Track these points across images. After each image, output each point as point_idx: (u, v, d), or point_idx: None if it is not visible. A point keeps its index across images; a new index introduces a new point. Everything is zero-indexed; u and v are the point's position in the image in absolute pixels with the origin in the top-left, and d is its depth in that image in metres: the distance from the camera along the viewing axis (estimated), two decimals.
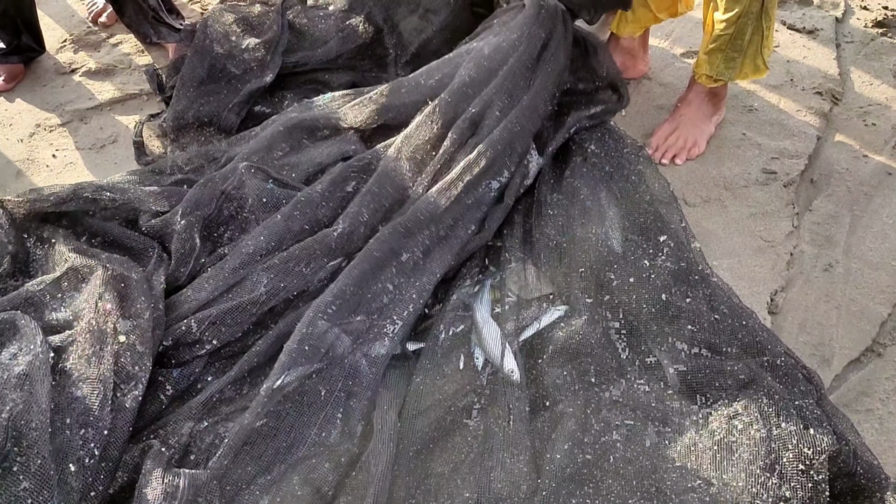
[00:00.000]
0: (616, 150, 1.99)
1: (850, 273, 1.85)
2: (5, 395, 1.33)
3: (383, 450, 1.40)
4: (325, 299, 1.58)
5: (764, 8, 1.93)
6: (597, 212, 1.85)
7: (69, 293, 1.60)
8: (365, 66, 2.45)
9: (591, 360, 1.58)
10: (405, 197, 1.84)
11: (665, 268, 1.71)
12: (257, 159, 1.98)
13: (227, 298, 1.63)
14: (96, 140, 2.37)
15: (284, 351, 1.49)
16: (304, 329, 1.52)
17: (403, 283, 1.68)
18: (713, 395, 1.50)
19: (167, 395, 1.54)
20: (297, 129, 2.08)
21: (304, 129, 2.09)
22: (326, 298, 1.58)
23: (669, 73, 2.50)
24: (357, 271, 1.64)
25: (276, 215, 1.79)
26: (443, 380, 1.57)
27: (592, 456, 1.43)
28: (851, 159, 2.15)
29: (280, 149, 2.04)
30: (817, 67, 2.47)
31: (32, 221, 1.81)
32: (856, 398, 1.62)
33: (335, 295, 1.59)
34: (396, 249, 1.69)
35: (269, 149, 2.03)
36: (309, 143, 2.08)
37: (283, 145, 2.05)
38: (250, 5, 2.55)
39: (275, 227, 1.77)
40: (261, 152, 2.01)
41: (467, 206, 1.81)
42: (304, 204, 1.81)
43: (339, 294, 1.59)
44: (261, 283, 1.65)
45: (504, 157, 1.88)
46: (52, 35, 2.80)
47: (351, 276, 1.63)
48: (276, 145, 2.04)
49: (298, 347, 1.49)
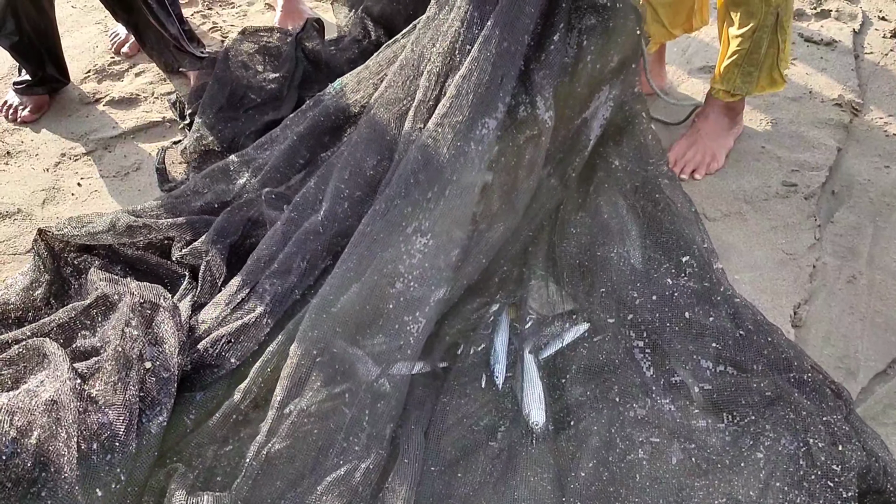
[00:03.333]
0: (640, 166, 1.95)
1: (873, 284, 1.83)
2: (33, 421, 1.35)
3: (408, 469, 1.40)
4: (326, 296, 1.56)
5: (779, 21, 1.93)
6: (619, 231, 1.84)
7: (98, 320, 1.62)
8: None
9: (614, 378, 1.57)
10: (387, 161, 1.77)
11: (688, 287, 1.70)
12: (279, 175, 2.00)
13: (239, 315, 1.64)
14: (120, 168, 2.40)
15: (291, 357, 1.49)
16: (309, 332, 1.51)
17: (416, 264, 1.58)
18: (739, 413, 1.49)
19: (191, 418, 1.55)
20: (314, 131, 2.07)
21: (320, 128, 2.08)
22: (327, 295, 1.56)
23: (686, 88, 2.50)
24: (354, 258, 1.59)
25: (277, 223, 1.80)
26: (466, 399, 1.57)
27: (618, 474, 1.42)
28: (873, 170, 2.13)
29: (301, 156, 2.05)
30: (836, 79, 2.46)
31: (69, 252, 1.85)
32: (883, 411, 1.59)
33: (335, 288, 1.56)
34: (396, 220, 1.61)
35: (291, 159, 2.04)
36: (327, 141, 2.07)
37: (302, 152, 2.05)
38: (270, 34, 2.59)
39: (274, 235, 1.79)
40: (283, 165, 2.03)
41: (467, 152, 1.65)
42: (301, 205, 1.82)
43: (339, 286, 1.56)
44: (266, 292, 1.66)
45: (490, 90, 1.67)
46: (77, 66, 2.85)
47: (348, 263, 1.59)
48: (296, 154, 2.05)
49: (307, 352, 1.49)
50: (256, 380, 1.53)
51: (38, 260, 1.81)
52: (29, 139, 2.56)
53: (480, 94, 1.66)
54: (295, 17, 2.92)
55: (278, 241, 1.76)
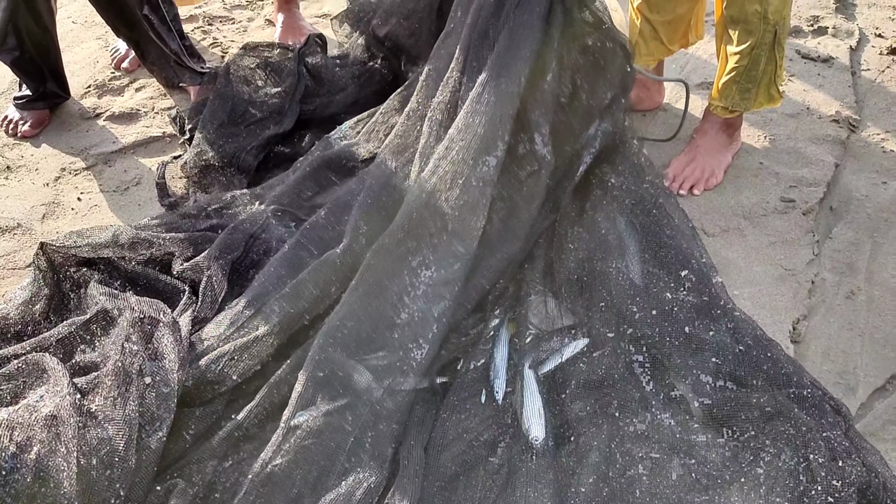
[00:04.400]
0: (636, 184, 1.97)
1: (872, 300, 1.84)
2: (33, 436, 1.35)
3: (409, 485, 1.40)
4: (333, 322, 1.57)
5: (777, 39, 1.95)
6: (617, 246, 1.85)
7: (98, 335, 1.62)
8: None
9: (614, 393, 1.57)
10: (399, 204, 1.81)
11: (687, 301, 1.71)
12: (287, 202, 2.01)
13: (244, 333, 1.64)
14: (120, 182, 2.41)
15: (300, 380, 1.50)
16: (316, 356, 1.52)
17: (420, 294, 1.64)
18: (739, 428, 1.49)
19: (191, 434, 1.54)
20: (323, 168, 2.11)
21: (329, 166, 2.12)
22: (334, 322, 1.58)
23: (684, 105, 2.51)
24: (362, 289, 1.62)
25: (285, 246, 1.81)
26: (466, 414, 1.57)
27: (617, 490, 1.42)
28: (870, 186, 2.14)
29: (309, 189, 2.08)
30: (833, 96, 2.48)
31: (69, 266, 1.85)
32: (882, 427, 1.59)
33: (343, 316, 1.58)
34: (400, 254, 1.66)
35: (298, 192, 2.06)
36: (336, 180, 2.10)
37: (310, 185, 2.08)
38: (271, 49, 2.60)
39: (284, 258, 1.79)
40: (290, 196, 2.05)
41: (467, 189, 1.70)
42: (310, 230, 1.84)
43: (348, 315, 1.58)
44: (273, 314, 1.65)
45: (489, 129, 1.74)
46: (77, 81, 2.86)
47: (356, 293, 1.62)
48: (304, 188, 2.07)
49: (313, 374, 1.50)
50: (263, 402, 1.54)
51: (38, 274, 1.80)
52: (29, 154, 2.56)
53: (480, 135, 1.74)
54: (295, 33, 2.93)
55: (286, 265, 1.77)
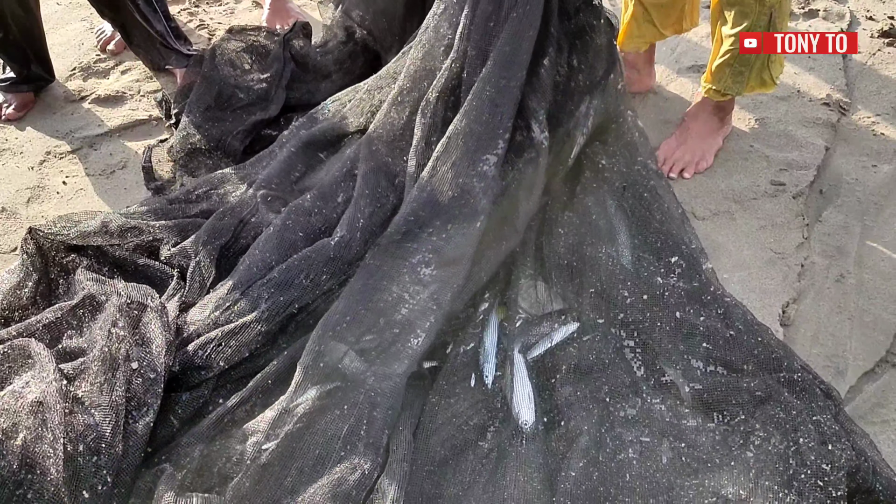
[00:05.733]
0: (627, 166, 1.96)
1: (862, 283, 1.84)
2: (19, 422, 1.34)
3: (397, 469, 1.39)
4: (333, 316, 1.57)
5: (772, 22, 1.93)
6: (608, 231, 1.84)
7: (85, 320, 1.61)
8: None
9: (604, 377, 1.57)
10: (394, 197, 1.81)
11: (678, 287, 1.71)
12: (276, 184, 1.99)
13: (230, 318, 1.63)
14: (106, 166, 2.38)
15: (298, 370, 1.49)
16: (315, 347, 1.52)
17: (420, 290, 1.62)
18: (730, 412, 1.49)
19: (178, 418, 1.53)
20: (310, 146, 2.08)
21: (316, 144, 2.09)
22: (334, 316, 1.57)
23: (675, 87, 2.51)
24: (360, 284, 1.62)
25: (269, 228, 1.78)
26: (455, 398, 1.56)
27: (608, 474, 1.42)
28: (860, 169, 2.14)
29: (297, 170, 2.05)
30: (824, 79, 2.47)
31: (58, 251, 1.83)
32: (871, 410, 1.60)
33: (342, 311, 1.58)
34: (400, 255, 1.65)
35: (287, 172, 2.04)
36: (323, 157, 2.08)
37: (298, 166, 2.06)
38: (257, 33, 2.57)
39: (268, 240, 1.77)
40: (279, 176, 2.02)
41: (468, 189, 1.69)
42: (295, 213, 1.81)
43: (347, 310, 1.58)
44: (262, 300, 1.64)
45: (490, 127, 1.72)
46: (62, 63, 2.82)
47: (355, 289, 1.61)
48: (292, 168, 2.05)
49: (313, 364, 1.49)
50: (255, 389, 1.53)
51: (26, 259, 1.78)
52: (13, 137, 2.53)
53: (479, 133, 1.71)
54: (282, 16, 2.90)
55: (273, 248, 1.75)
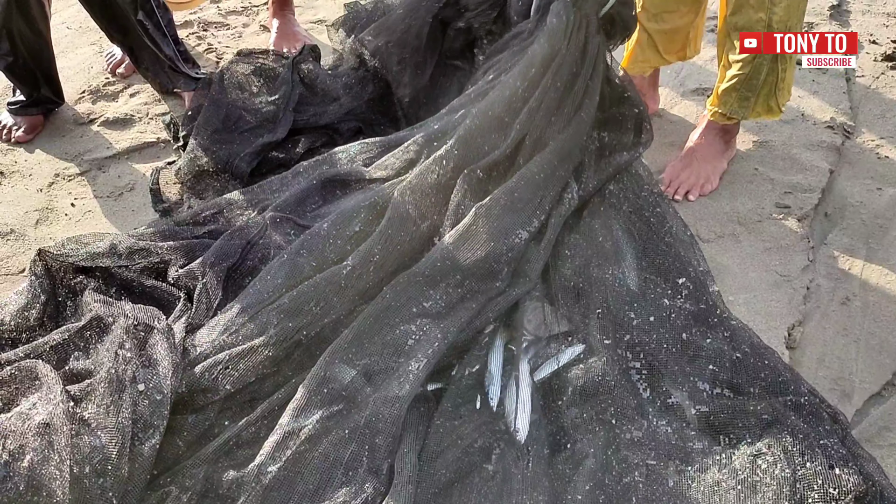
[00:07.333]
0: (634, 191, 1.97)
1: (867, 306, 1.84)
2: (26, 444, 1.34)
3: (402, 492, 1.39)
4: (341, 345, 1.57)
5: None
6: (614, 252, 1.84)
7: (92, 342, 1.61)
8: (375, 119, 2.49)
9: (610, 399, 1.57)
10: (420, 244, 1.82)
11: (684, 309, 1.71)
12: (290, 211, 2.00)
13: (237, 341, 1.63)
14: (114, 188, 2.40)
15: (301, 392, 1.49)
16: (321, 372, 1.52)
17: (429, 324, 1.64)
18: (736, 435, 1.48)
19: (184, 440, 1.53)
20: (331, 182, 2.09)
21: (337, 182, 2.10)
22: (342, 344, 1.57)
23: (680, 110, 2.52)
24: (373, 318, 1.62)
25: (283, 254, 1.79)
26: (460, 421, 1.56)
27: (614, 497, 1.41)
28: (865, 192, 2.15)
29: (313, 202, 2.06)
30: (828, 102, 2.49)
31: (66, 273, 1.83)
32: (878, 433, 1.59)
33: (351, 341, 1.58)
34: (416, 297, 1.67)
35: (303, 202, 2.05)
36: (341, 195, 2.09)
37: (315, 199, 2.07)
38: (265, 56, 2.60)
39: (282, 266, 1.77)
40: (293, 205, 2.03)
41: (496, 256, 1.72)
42: (310, 242, 1.81)
43: (356, 340, 1.59)
44: (270, 325, 1.64)
45: (531, 206, 1.82)
46: (71, 86, 2.85)
47: (367, 321, 1.62)
48: (309, 198, 2.06)
49: (317, 389, 1.49)
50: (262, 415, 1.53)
51: (34, 280, 1.79)
52: (23, 159, 2.55)
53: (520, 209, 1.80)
54: (290, 39, 2.93)
55: (284, 274, 1.75)
